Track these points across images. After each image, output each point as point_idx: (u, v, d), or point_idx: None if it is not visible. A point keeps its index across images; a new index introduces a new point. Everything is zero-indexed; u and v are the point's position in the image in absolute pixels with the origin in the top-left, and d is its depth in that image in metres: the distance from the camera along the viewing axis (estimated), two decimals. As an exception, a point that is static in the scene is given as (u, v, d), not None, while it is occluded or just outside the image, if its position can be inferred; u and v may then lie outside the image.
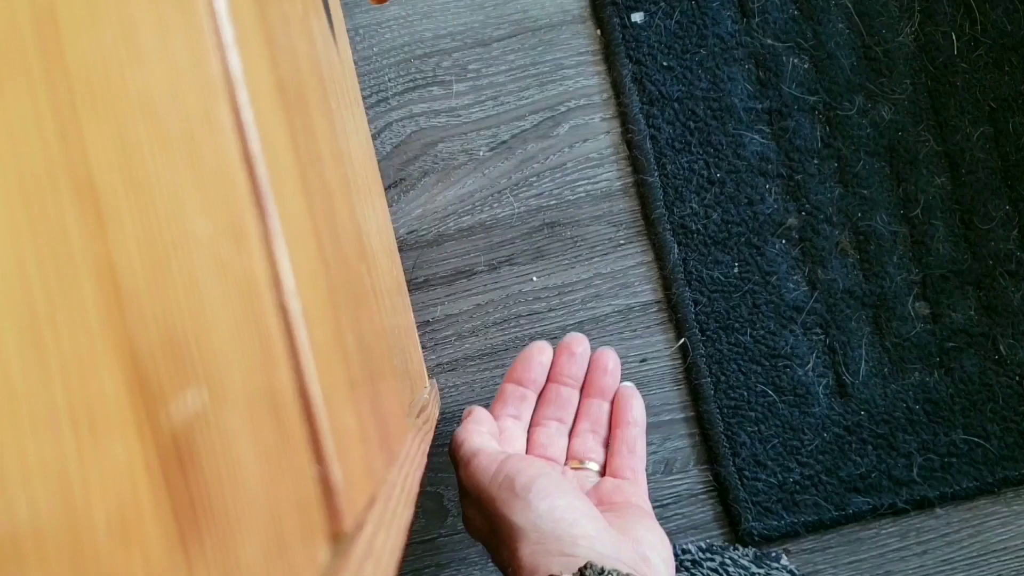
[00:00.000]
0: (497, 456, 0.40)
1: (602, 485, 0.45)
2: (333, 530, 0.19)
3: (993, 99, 0.59)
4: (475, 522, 0.41)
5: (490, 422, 0.45)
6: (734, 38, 0.59)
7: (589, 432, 0.47)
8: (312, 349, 0.19)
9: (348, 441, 0.21)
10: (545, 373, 0.47)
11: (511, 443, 0.46)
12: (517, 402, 0.47)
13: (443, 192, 0.59)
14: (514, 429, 0.47)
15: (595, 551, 0.34)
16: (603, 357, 0.47)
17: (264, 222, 0.18)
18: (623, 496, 0.44)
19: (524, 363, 0.47)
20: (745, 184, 0.59)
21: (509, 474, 0.38)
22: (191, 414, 0.12)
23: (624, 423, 0.46)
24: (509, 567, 0.36)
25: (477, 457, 0.40)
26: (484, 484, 0.39)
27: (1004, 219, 0.59)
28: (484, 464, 0.40)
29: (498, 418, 0.47)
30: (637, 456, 0.46)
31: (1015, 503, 0.58)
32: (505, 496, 0.37)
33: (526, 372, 0.47)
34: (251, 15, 0.21)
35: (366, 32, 0.60)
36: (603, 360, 0.47)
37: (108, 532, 0.09)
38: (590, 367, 0.48)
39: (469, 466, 0.40)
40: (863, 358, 0.58)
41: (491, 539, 0.39)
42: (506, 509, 0.37)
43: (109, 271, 0.11)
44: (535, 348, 0.47)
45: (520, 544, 0.35)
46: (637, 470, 0.46)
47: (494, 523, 0.38)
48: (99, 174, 0.11)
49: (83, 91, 0.11)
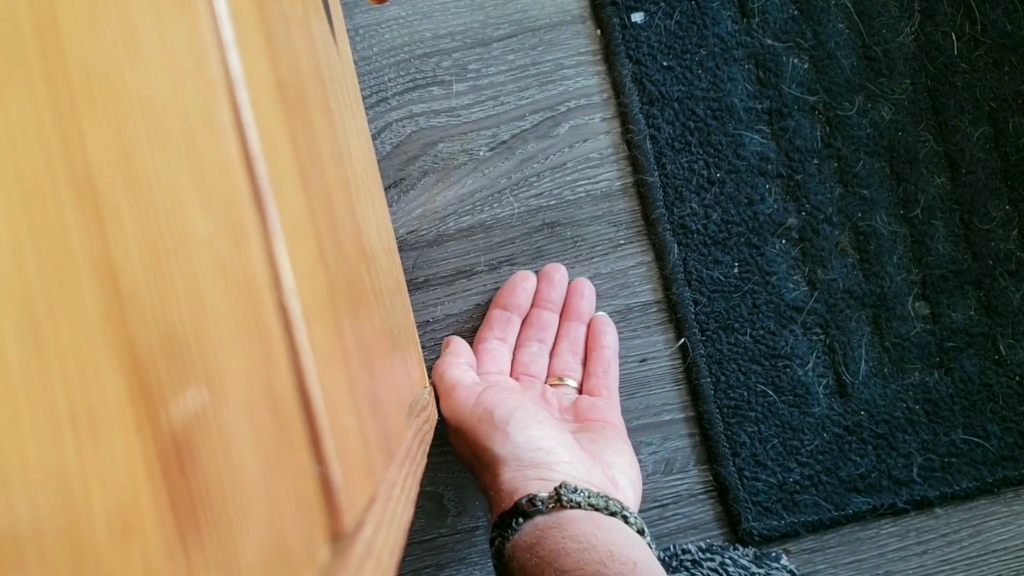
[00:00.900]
0: (475, 389, 0.43)
1: (579, 402, 0.49)
2: (333, 530, 0.19)
3: (993, 99, 0.59)
4: (460, 449, 0.43)
5: (468, 353, 0.50)
6: (734, 38, 0.59)
7: (568, 352, 0.51)
8: (312, 349, 0.19)
9: (348, 441, 0.21)
10: (529, 299, 0.52)
11: (497, 363, 0.50)
12: (503, 325, 0.52)
13: (443, 192, 0.59)
14: (501, 351, 0.51)
15: (569, 475, 0.37)
16: (580, 285, 0.53)
17: (264, 222, 0.18)
18: (598, 413, 0.48)
19: (509, 289, 0.52)
20: (745, 184, 0.59)
21: (488, 407, 0.41)
22: (191, 414, 0.12)
23: (599, 347, 0.51)
24: (491, 490, 0.39)
25: (456, 390, 0.44)
26: (464, 416, 0.42)
27: (1004, 219, 0.59)
28: (463, 398, 0.43)
29: (485, 341, 0.51)
30: (611, 376, 0.51)
31: (1015, 503, 0.58)
32: (485, 428, 0.40)
33: (511, 298, 0.51)
34: (251, 15, 0.21)
35: (366, 32, 0.60)
36: (580, 287, 0.53)
37: (108, 532, 0.09)
38: (568, 293, 0.53)
39: (449, 398, 0.43)
40: (863, 358, 0.58)
41: (474, 464, 0.41)
42: (486, 440, 0.40)
43: (109, 271, 0.11)
44: (519, 276, 0.52)
45: (501, 470, 0.38)
46: (611, 389, 0.51)
47: (475, 451, 0.40)
48: (99, 174, 0.11)
49: (83, 91, 0.11)
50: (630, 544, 0.33)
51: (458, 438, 0.43)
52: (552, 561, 0.32)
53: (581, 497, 0.35)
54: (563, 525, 0.34)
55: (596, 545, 0.32)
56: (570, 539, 0.33)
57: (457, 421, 0.42)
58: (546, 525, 0.34)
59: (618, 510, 0.36)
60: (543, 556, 0.32)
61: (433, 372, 0.48)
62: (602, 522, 0.35)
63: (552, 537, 0.33)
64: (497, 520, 0.37)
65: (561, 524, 0.34)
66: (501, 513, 0.37)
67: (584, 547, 0.32)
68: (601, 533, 0.33)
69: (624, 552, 0.32)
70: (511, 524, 0.36)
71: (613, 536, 0.33)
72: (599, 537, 0.33)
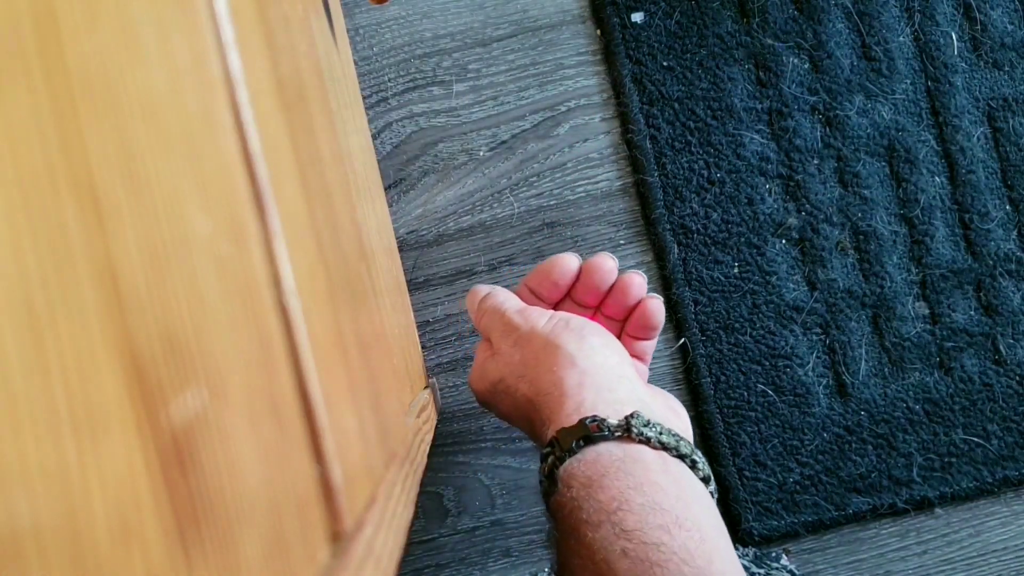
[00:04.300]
0: (545, 309, 0.41)
1: None
2: (333, 530, 0.19)
3: (993, 99, 0.59)
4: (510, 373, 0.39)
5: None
6: (734, 38, 0.59)
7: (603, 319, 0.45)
8: (312, 348, 0.19)
9: (348, 441, 0.21)
10: (560, 293, 0.45)
11: None
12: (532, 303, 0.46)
13: (443, 192, 0.59)
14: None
15: (636, 394, 0.35)
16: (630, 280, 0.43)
17: (264, 222, 0.18)
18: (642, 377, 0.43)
19: (541, 275, 0.44)
20: (745, 184, 0.59)
21: (563, 317, 0.39)
22: (191, 414, 0.12)
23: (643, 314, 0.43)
24: (548, 408, 0.35)
25: (529, 307, 0.41)
26: (538, 325, 0.39)
27: (1004, 219, 0.59)
28: (538, 311, 0.41)
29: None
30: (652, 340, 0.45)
31: (1015, 503, 0.58)
32: (559, 330, 0.38)
33: (540, 286, 0.44)
34: (251, 15, 0.21)
35: (366, 32, 0.60)
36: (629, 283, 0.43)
37: (108, 532, 0.09)
38: (614, 288, 0.43)
39: (525, 311, 0.41)
40: (863, 358, 0.58)
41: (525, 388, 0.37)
42: (558, 339, 0.37)
43: (109, 271, 0.11)
44: (557, 262, 0.43)
45: (567, 372, 0.35)
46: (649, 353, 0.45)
47: (540, 367, 0.37)
48: (99, 174, 0.11)
49: (83, 91, 0.11)
50: (698, 503, 0.30)
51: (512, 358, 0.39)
52: (613, 512, 0.29)
53: (652, 432, 0.32)
54: (629, 467, 0.30)
55: (662, 503, 0.29)
56: (635, 489, 0.29)
57: (528, 332, 0.39)
58: (610, 461, 0.31)
59: (688, 452, 0.33)
60: (602, 501, 0.29)
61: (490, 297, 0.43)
62: (671, 467, 0.31)
63: (616, 480, 0.30)
64: (555, 437, 0.33)
65: (626, 465, 0.31)
66: (561, 430, 0.33)
67: (650, 503, 0.29)
68: (669, 485, 0.30)
69: (692, 515, 0.29)
70: (571, 445, 0.32)
71: (682, 489, 0.30)
72: (667, 491, 0.30)
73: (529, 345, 0.39)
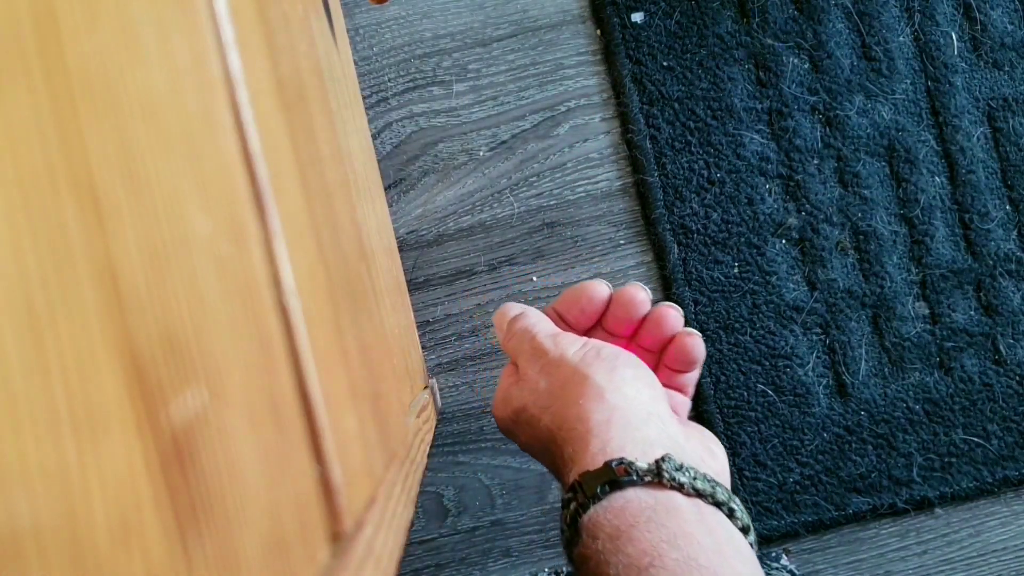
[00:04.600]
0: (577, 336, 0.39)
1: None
2: (333, 530, 0.19)
3: (993, 99, 0.59)
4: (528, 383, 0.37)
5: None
6: (734, 38, 0.59)
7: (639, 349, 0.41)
8: (312, 348, 0.19)
9: (348, 441, 0.21)
10: (589, 321, 0.42)
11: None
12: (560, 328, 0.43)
13: (443, 192, 0.59)
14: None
15: (667, 433, 0.32)
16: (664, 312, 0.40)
17: (264, 222, 0.18)
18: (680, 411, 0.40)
19: (569, 302, 0.41)
20: (745, 184, 0.59)
21: (596, 346, 0.37)
22: (191, 414, 0.12)
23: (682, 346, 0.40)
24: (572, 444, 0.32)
25: (560, 334, 0.38)
26: (568, 352, 0.36)
27: (1004, 219, 0.59)
28: (571, 338, 0.38)
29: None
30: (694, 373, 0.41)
31: (1015, 503, 0.58)
32: (589, 359, 0.35)
33: (567, 312, 0.41)
34: (251, 15, 0.21)
35: (366, 32, 0.60)
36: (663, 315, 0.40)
37: (108, 532, 0.09)
38: (647, 320, 0.40)
39: (557, 337, 0.38)
40: (863, 358, 0.58)
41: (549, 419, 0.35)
42: (588, 368, 0.35)
43: (109, 271, 0.11)
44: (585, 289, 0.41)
45: (594, 405, 0.33)
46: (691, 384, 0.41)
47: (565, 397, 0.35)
48: (99, 174, 0.11)
49: (83, 91, 0.11)
50: (738, 556, 0.28)
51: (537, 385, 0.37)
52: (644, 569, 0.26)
53: (686, 478, 0.29)
54: (661, 517, 0.28)
55: (699, 558, 0.26)
56: (669, 543, 0.27)
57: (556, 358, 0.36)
58: (639, 510, 0.28)
59: (725, 500, 0.30)
60: (633, 556, 0.27)
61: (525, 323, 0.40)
62: (707, 516, 0.29)
63: (647, 532, 0.27)
64: (578, 480, 0.30)
65: (658, 514, 0.28)
66: (584, 473, 0.30)
67: (685, 559, 0.26)
68: (706, 537, 0.28)
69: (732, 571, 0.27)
70: (595, 491, 0.29)
71: (719, 541, 0.28)
72: (703, 544, 0.27)
73: (556, 373, 0.36)
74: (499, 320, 0.42)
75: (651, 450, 0.31)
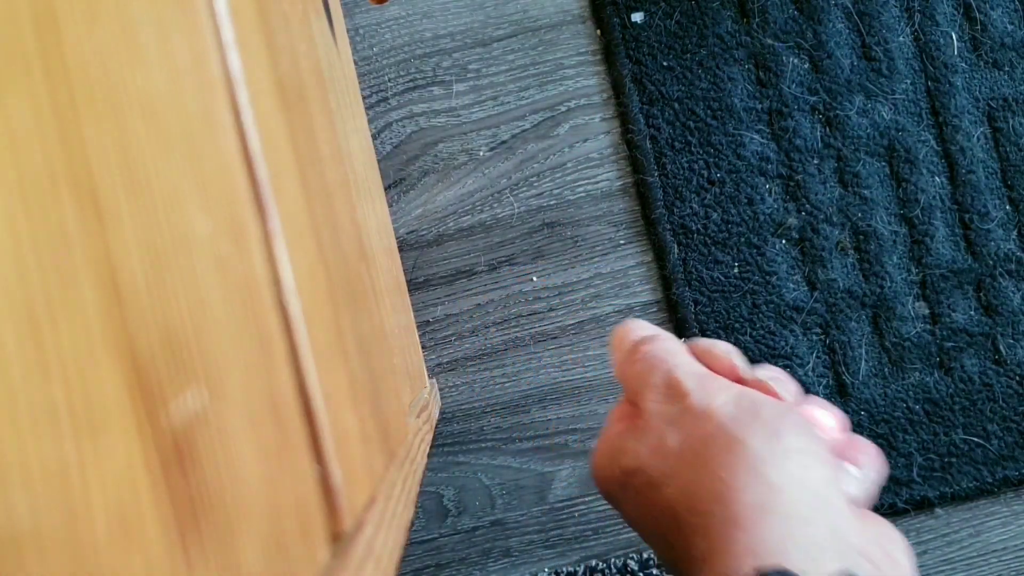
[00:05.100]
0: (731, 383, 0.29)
1: None
2: (333, 530, 0.19)
3: (993, 99, 0.59)
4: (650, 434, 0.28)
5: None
6: (734, 38, 0.59)
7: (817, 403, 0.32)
8: (312, 348, 0.19)
9: (348, 441, 0.21)
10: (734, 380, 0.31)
11: None
12: None
13: (443, 192, 0.59)
14: None
15: (841, 533, 0.24)
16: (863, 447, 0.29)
17: (264, 222, 0.18)
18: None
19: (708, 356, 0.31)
20: (745, 184, 0.59)
21: (753, 399, 0.27)
22: (191, 414, 0.12)
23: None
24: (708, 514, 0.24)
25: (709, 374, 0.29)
26: (716, 401, 0.27)
27: (1004, 219, 0.59)
28: (721, 383, 0.28)
29: None
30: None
31: (1015, 503, 0.58)
32: (745, 417, 0.26)
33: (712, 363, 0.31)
34: (251, 15, 0.21)
35: (366, 32, 0.60)
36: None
37: (108, 532, 0.09)
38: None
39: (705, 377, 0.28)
40: (863, 358, 0.58)
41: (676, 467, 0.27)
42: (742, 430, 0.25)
43: (109, 271, 0.11)
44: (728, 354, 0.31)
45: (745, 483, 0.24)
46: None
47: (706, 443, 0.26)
48: (99, 174, 0.11)
49: (83, 91, 0.11)
50: None
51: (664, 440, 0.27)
52: None
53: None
54: None
55: None
56: None
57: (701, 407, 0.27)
58: None
59: None
60: None
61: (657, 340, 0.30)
62: None
63: None
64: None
65: None
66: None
67: None
68: None
69: None
70: None
71: None
72: None
73: (695, 428, 0.27)
74: (619, 339, 0.32)
75: (821, 558, 0.22)
